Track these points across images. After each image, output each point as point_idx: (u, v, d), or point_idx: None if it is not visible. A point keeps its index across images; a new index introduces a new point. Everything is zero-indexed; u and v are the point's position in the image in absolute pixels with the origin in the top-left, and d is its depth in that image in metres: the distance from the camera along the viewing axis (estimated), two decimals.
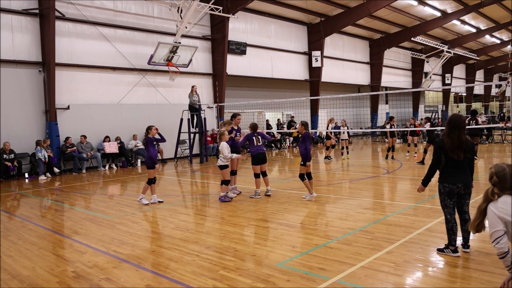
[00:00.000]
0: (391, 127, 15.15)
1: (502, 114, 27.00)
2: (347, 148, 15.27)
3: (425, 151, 13.23)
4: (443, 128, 4.86)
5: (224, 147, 8.03)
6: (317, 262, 4.46)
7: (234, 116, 9.17)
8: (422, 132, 23.50)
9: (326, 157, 15.25)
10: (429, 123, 14.13)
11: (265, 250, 5.01)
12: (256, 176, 8.36)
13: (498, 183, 2.82)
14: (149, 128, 8.12)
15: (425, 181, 4.75)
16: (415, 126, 15.98)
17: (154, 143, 8.22)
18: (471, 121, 14.49)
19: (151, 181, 8.11)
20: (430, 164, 4.66)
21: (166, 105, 17.19)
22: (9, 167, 12.23)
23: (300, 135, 8.13)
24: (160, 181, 11.70)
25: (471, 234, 4.71)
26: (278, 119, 23.06)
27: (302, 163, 7.92)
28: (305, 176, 7.91)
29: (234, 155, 8.19)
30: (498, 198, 2.90)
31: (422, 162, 12.76)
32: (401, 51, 31.61)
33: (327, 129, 15.20)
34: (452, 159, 4.45)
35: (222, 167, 8.04)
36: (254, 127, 8.38)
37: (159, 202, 8.19)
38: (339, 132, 15.72)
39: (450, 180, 4.46)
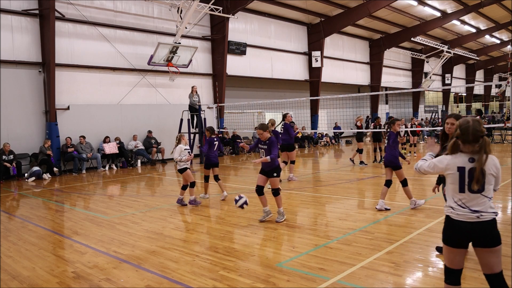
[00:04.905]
0: (374, 128, 14.33)
1: (502, 116, 27.16)
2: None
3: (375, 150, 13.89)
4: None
5: (177, 150, 7.53)
6: (317, 262, 4.46)
7: (285, 116, 10.56)
8: (422, 132, 23.54)
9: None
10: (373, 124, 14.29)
11: (265, 250, 5.01)
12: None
13: (461, 135, 2.85)
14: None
15: (440, 180, 4.77)
16: (411, 126, 16.06)
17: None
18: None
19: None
20: None
21: (166, 105, 17.19)
22: (9, 168, 12.23)
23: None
24: (161, 182, 11.72)
25: None
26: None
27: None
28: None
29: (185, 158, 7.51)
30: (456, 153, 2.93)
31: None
32: (401, 51, 31.61)
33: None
34: None
35: (181, 171, 7.60)
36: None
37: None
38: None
39: None
